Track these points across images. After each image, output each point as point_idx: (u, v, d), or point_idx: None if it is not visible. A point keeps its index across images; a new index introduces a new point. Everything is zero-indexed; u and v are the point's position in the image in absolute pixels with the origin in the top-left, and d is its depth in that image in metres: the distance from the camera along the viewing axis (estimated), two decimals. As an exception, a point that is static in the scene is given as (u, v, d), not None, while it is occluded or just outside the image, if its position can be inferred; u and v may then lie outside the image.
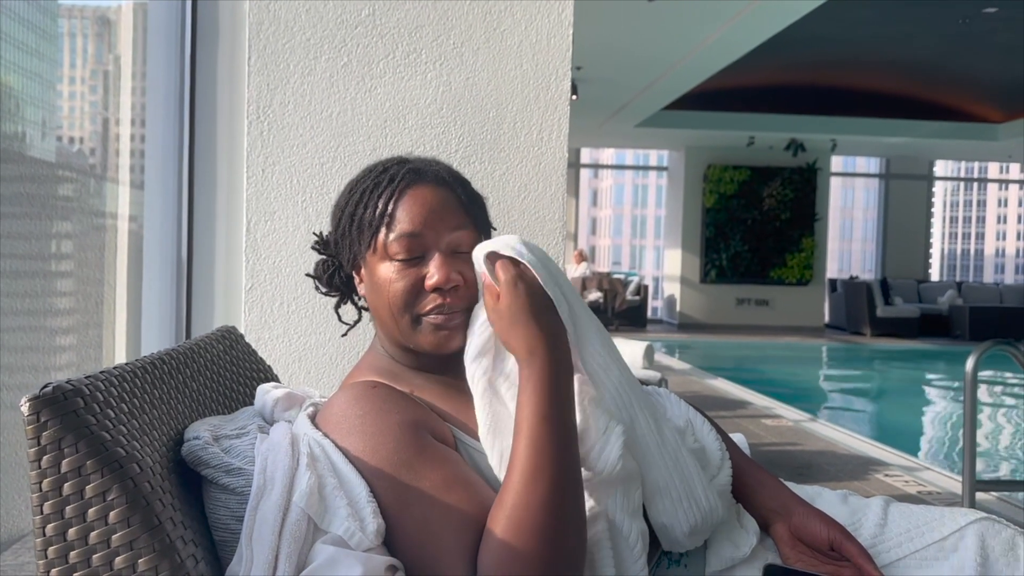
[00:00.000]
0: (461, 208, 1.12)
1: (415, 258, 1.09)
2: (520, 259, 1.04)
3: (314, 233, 1.24)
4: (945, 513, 1.13)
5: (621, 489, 1.01)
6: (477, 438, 1.06)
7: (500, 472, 1.02)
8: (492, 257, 1.06)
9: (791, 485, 1.22)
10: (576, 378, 1.05)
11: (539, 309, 1.02)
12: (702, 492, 1.06)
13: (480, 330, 1.07)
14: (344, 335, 1.29)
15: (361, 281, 1.15)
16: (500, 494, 0.96)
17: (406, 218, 1.09)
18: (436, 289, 1.07)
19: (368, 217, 1.10)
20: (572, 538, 0.94)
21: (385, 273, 1.09)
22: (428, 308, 1.08)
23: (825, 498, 1.21)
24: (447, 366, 1.12)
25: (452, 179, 1.14)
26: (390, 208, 1.09)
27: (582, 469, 0.99)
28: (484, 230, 1.17)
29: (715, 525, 1.09)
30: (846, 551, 1.07)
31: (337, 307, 1.25)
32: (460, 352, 1.09)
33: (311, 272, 1.23)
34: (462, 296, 1.09)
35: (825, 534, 1.09)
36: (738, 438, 1.35)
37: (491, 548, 0.92)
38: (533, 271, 1.04)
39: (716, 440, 1.17)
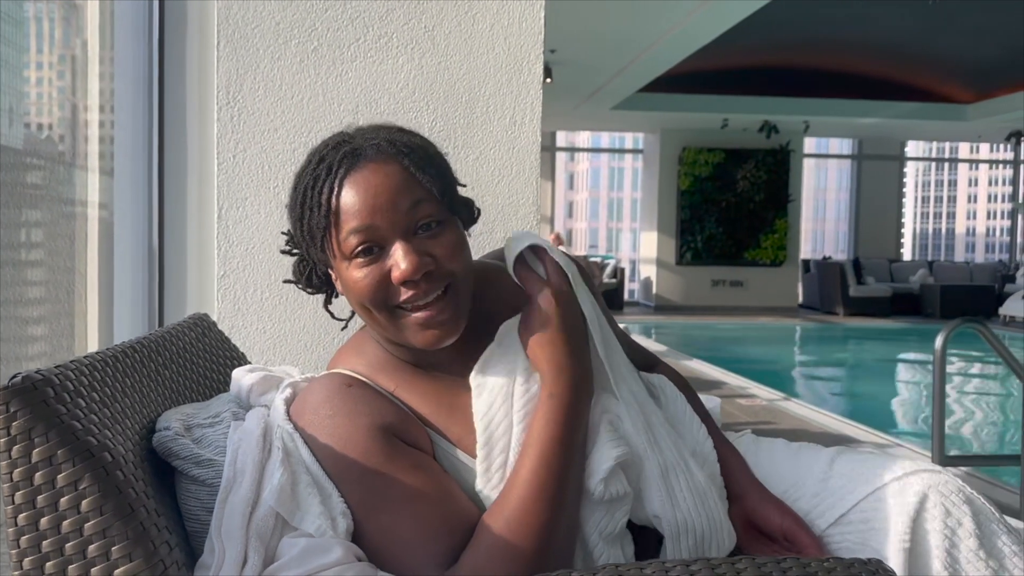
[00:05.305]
0: (412, 180, 1.00)
1: (374, 251, 0.99)
2: (565, 268, 0.99)
3: (283, 232, 1.15)
4: (895, 461, 1.07)
5: (605, 512, 0.99)
6: (456, 444, 1.03)
7: (484, 481, 1.00)
8: (532, 255, 1.01)
9: (753, 433, 1.23)
10: (602, 396, 1.02)
11: (579, 332, 1.00)
12: (727, 533, 1.05)
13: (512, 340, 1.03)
14: (344, 328, 1.21)
15: (336, 279, 1.07)
16: (500, 502, 0.95)
17: (351, 212, 0.98)
18: (405, 282, 0.98)
19: (315, 220, 0.99)
20: (560, 553, 0.96)
21: (348, 273, 1.00)
22: (404, 299, 0.99)
23: (775, 458, 1.18)
24: (440, 360, 1.07)
25: (396, 149, 1.01)
26: (333, 204, 0.98)
27: None
28: (448, 192, 1.04)
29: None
30: (799, 541, 1.05)
31: (326, 304, 1.17)
32: (457, 345, 1.03)
33: (289, 278, 1.14)
34: (439, 276, 1.00)
35: (778, 522, 1.07)
36: (713, 403, 1.34)
37: (478, 551, 0.93)
38: (573, 285, 1.00)
39: (712, 452, 1.14)
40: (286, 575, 0.88)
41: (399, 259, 0.98)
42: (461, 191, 1.10)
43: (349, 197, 0.98)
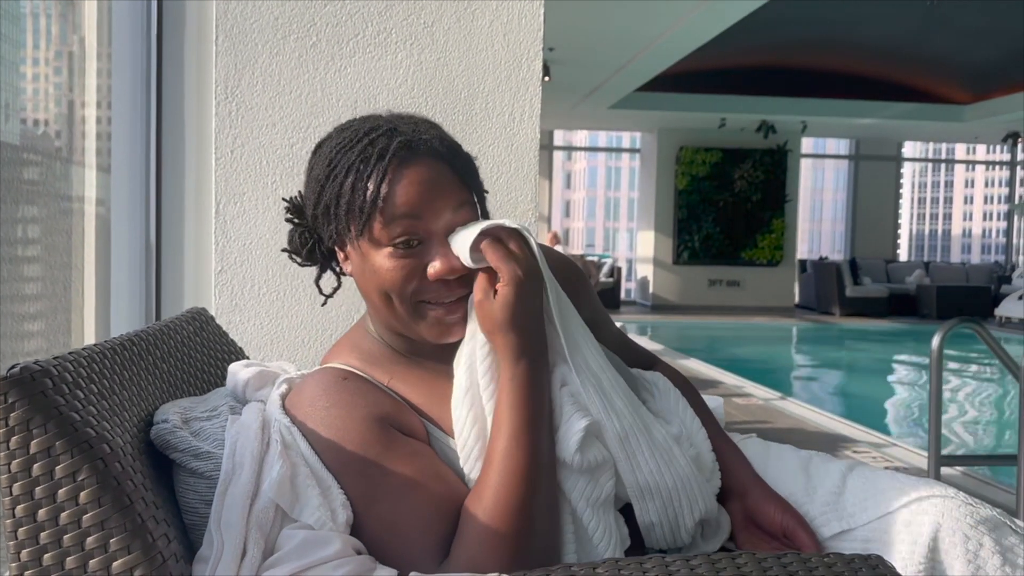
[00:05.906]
0: (459, 182, 1.02)
1: (414, 245, 1.00)
2: (532, 244, 0.98)
3: (283, 199, 1.14)
4: (908, 484, 1.07)
5: (588, 479, 0.99)
6: (449, 432, 1.03)
7: (469, 466, 1.00)
8: (496, 235, 0.99)
9: (759, 437, 1.22)
10: (559, 368, 1.03)
11: (537, 313, 1.00)
12: (699, 493, 1.05)
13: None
14: (324, 304, 1.21)
15: (346, 258, 1.06)
16: (478, 489, 0.96)
17: (404, 204, 0.98)
18: (441, 280, 1.00)
19: (359, 201, 0.98)
20: (544, 533, 0.97)
21: (380, 261, 1.00)
22: (430, 296, 1.02)
23: (785, 463, 1.18)
24: (434, 351, 1.07)
25: (446, 149, 1.03)
26: (384, 191, 0.98)
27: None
28: (480, 199, 1.08)
29: (713, 524, 1.09)
30: (798, 540, 1.05)
31: (317, 279, 1.16)
32: (458, 341, 1.04)
33: (287, 247, 1.14)
34: (468, 280, 1.02)
35: (779, 520, 1.07)
36: (716, 403, 1.33)
37: (466, 540, 0.94)
38: (540, 264, 0.99)
39: (706, 441, 1.13)
40: (285, 567, 0.88)
41: (440, 257, 1.00)
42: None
43: (402, 188, 0.99)
